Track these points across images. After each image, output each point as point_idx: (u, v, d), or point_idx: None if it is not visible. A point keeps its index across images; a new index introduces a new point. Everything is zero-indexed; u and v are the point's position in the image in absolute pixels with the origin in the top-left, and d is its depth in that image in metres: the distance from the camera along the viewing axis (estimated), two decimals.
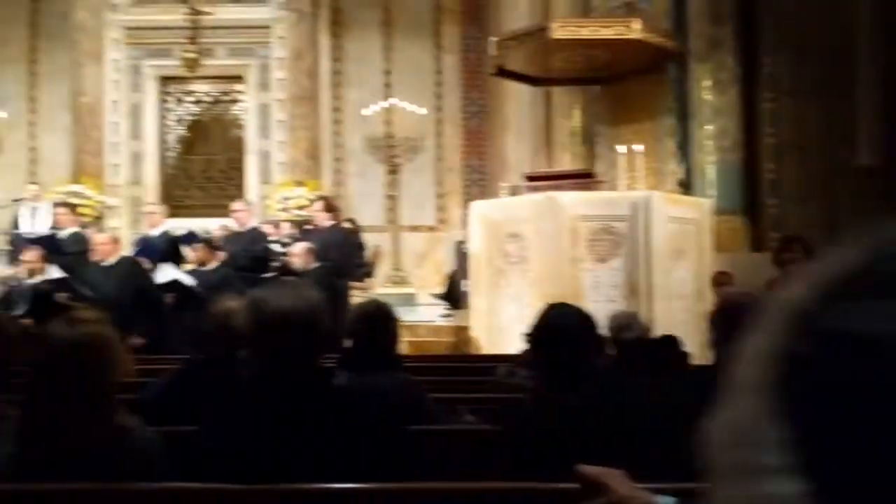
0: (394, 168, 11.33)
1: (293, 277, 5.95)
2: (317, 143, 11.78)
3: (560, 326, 2.27)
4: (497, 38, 7.67)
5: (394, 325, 2.86)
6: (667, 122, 7.64)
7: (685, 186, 7.43)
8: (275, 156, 11.89)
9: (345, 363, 2.57)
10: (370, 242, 9.63)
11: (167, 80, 12.14)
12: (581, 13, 8.09)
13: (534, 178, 6.91)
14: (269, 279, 6.44)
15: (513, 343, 5.93)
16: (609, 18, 7.30)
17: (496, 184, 11.72)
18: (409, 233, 12.01)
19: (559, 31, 6.71)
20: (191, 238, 7.47)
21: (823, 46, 6.91)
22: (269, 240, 7.82)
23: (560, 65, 7.70)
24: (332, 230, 7.23)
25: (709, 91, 7.33)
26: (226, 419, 1.77)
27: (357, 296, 7.47)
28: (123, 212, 11.63)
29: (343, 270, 6.37)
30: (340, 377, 2.19)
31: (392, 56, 12.97)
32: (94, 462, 1.90)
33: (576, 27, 6.81)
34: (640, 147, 6.47)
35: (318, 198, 8.33)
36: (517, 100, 10.51)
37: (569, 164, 8.27)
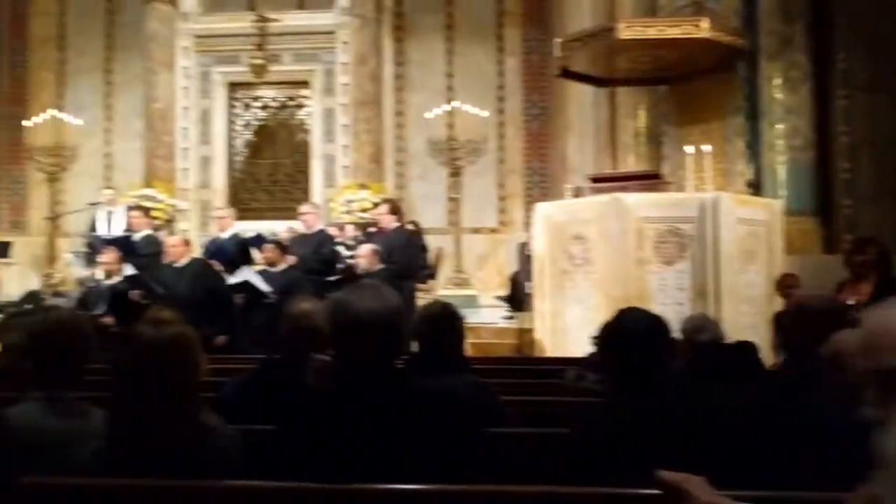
0: (456, 170, 11.37)
1: (362, 279, 6.05)
2: (380, 147, 11.91)
3: (631, 329, 2.25)
4: (561, 40, 7.63)
5: (460, 327, 2.87)
6: (736, 122, 7.47)
7: (755, 187, 7.25)
8: (339, 159, 12.06)
9: (412, 365, 2.59)
10: (432, 244, 9.68)
11: (235, 86, 12.45)
12: (647, 13, 7.98)
13: (599, 180, 6.85)
14: (337, 281, 6.54)
15: (577, 345, 5.89)
16: (676, 18, 7.19)
17: (558, 185, 11.67)
18: (471, 235, 12.04)
19: (625, 32, 6.64)
20: (259, 241, 7.62)
21: None
22: (334, 242, 7.94)
23: (625, 65, 7.62)
24: (397, 232, 7.29)
25: (780, 89, 7.15)
26: (304, 419, 1.80)
27: (421, 298, 7.53)
28: (193, 215, 11.97)
29: (407, 272, 6.43)
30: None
31: (454, 59, 13.03)
32: (178, 459, 1.94)
33: (642, 27, 6.73)
34: (708, 147, 6.35)
35: (384, 200, 8.40)
36: (580, 101, 10.43)
37: (633, 166, 8.17)
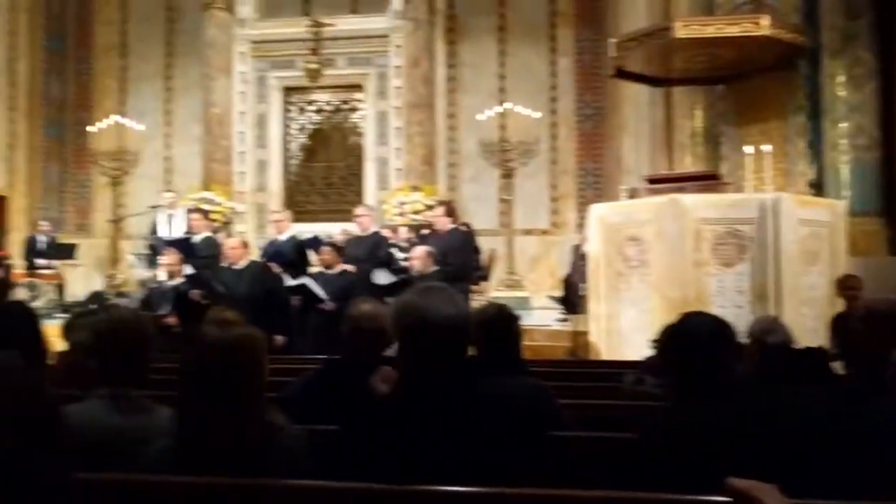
0: (508, 172, 11.34)
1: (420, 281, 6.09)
2: (432, 149, 11.95)
3: (693, 333, 2.22)
4: (616, 40, 7.56)
5: (517, 329, 2.87)
6: (797, 121, 7.31)
7: (816, 188, 7.09)
8: (392, 162, 12.15)
9: (471, 368, 2.59)
10: (485, 246, 9.68)
11: (291, 91, 12.64)
12: (704, 11, 7.86)
13: (655, 181, 6.77)
14: (392, 284, 6.59)
15: (633, 348, 5.83)
16: (735, 16, 7.06)
17: (612, 186, 11.55)
18: (523, 236, 12.01)
19: (682, 31, 6.55)
20: (315, 243, 7.72)
21: None
22: (389, 244, 7.99)
23: (682, 64, 7.52)
24: (451, 234, 7.29)
25: (843, 87, 6.97)
26: (369, 420, 1.82)
27: (474, 300, 7.53)
28: (249, 217, 12.18)
29: (461, 274, 6.44)
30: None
31: (506, 61, 13.03)
32: (246, 458, 1.96)
33: (700, 26, 6.63)
34: (769, 147, 6.22)
35: (440, 202, 8.40)
36: (634, 101, 10.31)
37: (690, 166, 8.06)
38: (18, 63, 12.77)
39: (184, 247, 7.87)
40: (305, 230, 9.00)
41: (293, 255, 7.59)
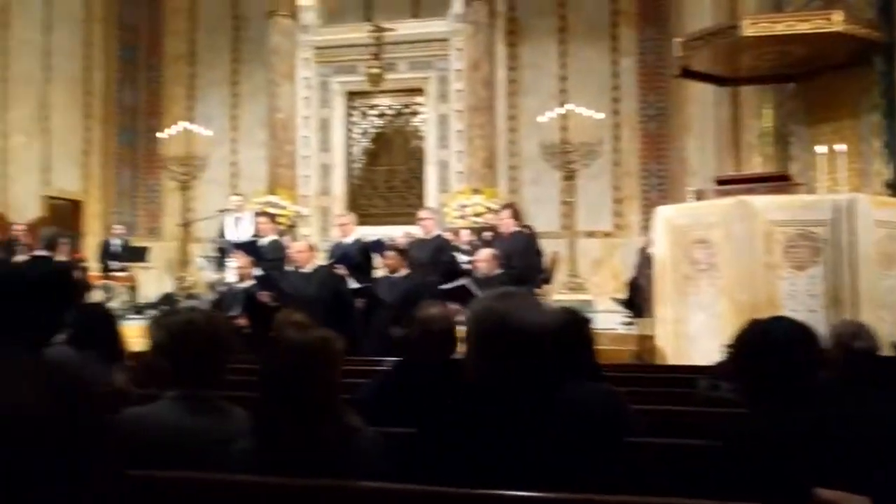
0: (570, 174, 11.26)
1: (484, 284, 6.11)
2: (493, 152, 11.94)
3: (767, 337, 2.17)
4: (682, 39, 7.43)
5: (589, 333, 2.85)
6: (871, 119, 7.07)
7: (894, 188, 6.84)
8: (453, 165, 12.17)
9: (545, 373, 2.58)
10: (547, 248, 9.63)
11: (353, 95, 12.78)
12: (772, 8, 7.67)
13: (724, 182, 6.62)
14: (455, 288, 6.61)
15: (701, 353, 5.73)
16: (806, 12, 6.88)
17: (677, 187, 11.37)
18: (586, 238, 11.91)
19: (750, 29, 6.40)
20: (379, 246, 7.79)
21: None
22: (451, 247, 8.01)
23: (750, 63, 7.35)
24: (515, 236, 7.28)
25: None
26: (445, 422, 1.83)
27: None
28: (313, 220, 12.37)
29: (526, 277, 6.42)
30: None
31: (567, 62, 12.95)
32: (323, 460, 1.99)
33: (769, 23, 6.47)
34: (843, 147, 6.03)
35: (505, 205, 8.37)
36: (700, 101, 10.13)
37: (759, 167, 7.87)
38: (94, 73, 13.26)
39: (250, 250, 8.03)
40: (368, 233, 9.09)
41: (359, 258, 7.68)
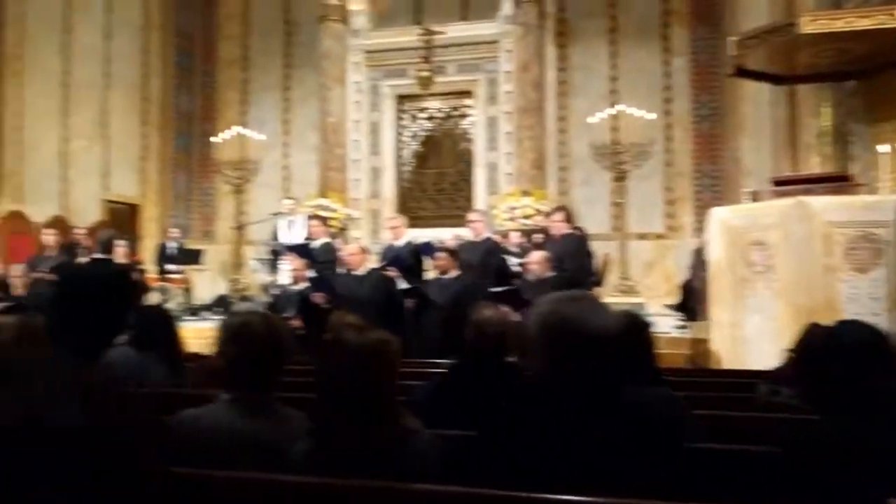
0: (621, 175, 11.14)
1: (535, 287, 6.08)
2: (542, 153, 11.87)
3: (835, 343, 2.12)
4: (737, 38, 7.29)
5: (649, 337, 2.81)
6: None
7: None
8: (502, 167, 12.14)
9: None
10: (598, 250, 9.55)
11: (403, 99, 12.84)
12: (830, 5, 7.48)
13: (781, 182, 6.48)
14: (506, 290, 6.59)
15: (757, 357, 5.62)
16: (867, 8, 6.68)
17: (731, 188, 11.18)
18: (637, 240, 11.78)
19: (809, 26, 6.24)
20: (428, 249, 7.81)
21: None
22: (501, 250, 7.99)
23: (807, 60, 7.17)
24: (566, 238, 7.22)
25: None
26: (506, 424, 1.82)
27: None
28: (363, 223, 12.47)
29: (578, 279, 6.37)
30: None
31: (618, 62, 12.86)
32: (381, 461, 2.00)
33: (828, 20, 6.30)
34: None
35: (557, 207, 8.29)
36: (755, 99, 9.95)
37: (817, 167, 7.68)
38: (151, 79, 13.60)
39: (303, 252, 8.13)
40: (418, 236, 9.12)
41: (410, 260, 7.71)
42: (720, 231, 6.27)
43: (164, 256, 11.17)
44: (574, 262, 6.87)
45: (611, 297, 10.12)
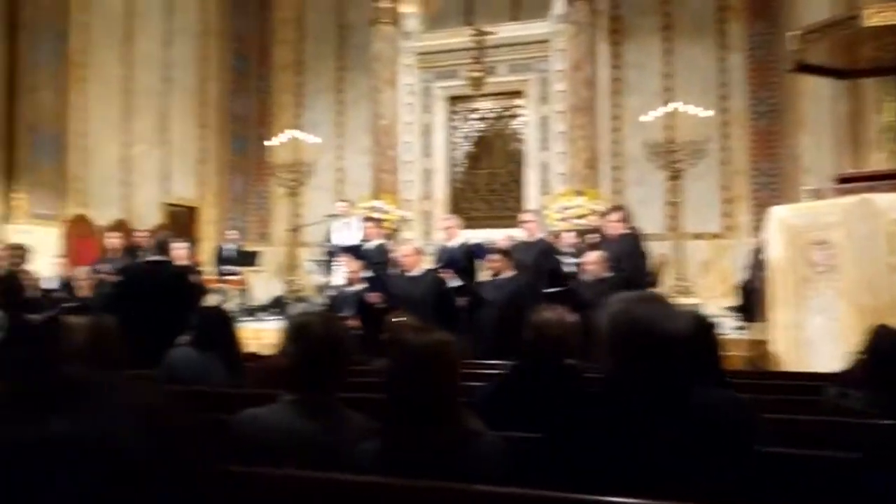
0: (675, 173, 10.97)
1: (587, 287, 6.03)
2: (595, 153, 11.77)
3: None
4: (797, 32, 7.13)
5: (715, 338, 2.78)
6: None
7: None
8: (554, 167, 12.07)
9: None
10: (654, 251, 9.43)
11: (454, 100, 12.87)
12: None
13: (845, 180, 6.32)
14: (561, 291, 6.56)
15: (820, 359, 5.49)
16: None
17: (790, 186, 10.93)
18: (693, 240, 11.59)
19: (873, 18, 6.06)
20: (481, 250, 7.81)
21: None
22: (555, 250, 7.94)
23: (871, 54, 6.96)
24: (622, 239, 7.14)
25: None
26: (574, 426, 1.82)
27: None
28: (416, 224, 12.53)
29: (635, 280, 6.29)
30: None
31: (672, 59, 12.68)
32: (445, 462, 2.01)
33: (893, 12, 6.10)
34: None
35: (615, 207, 8.17)
36: (814, 95, 9.71)
37: (881, 164, 7.45)
38: (209, 84, 13.89)
39: (356, 253, 8.21)
40: (470, 237, 9.12)
41: (464, 262, 7.72)
42: (779, 230, 6.14)
43: (222, 258, 11.38)
44: (631, 263, 6.78)
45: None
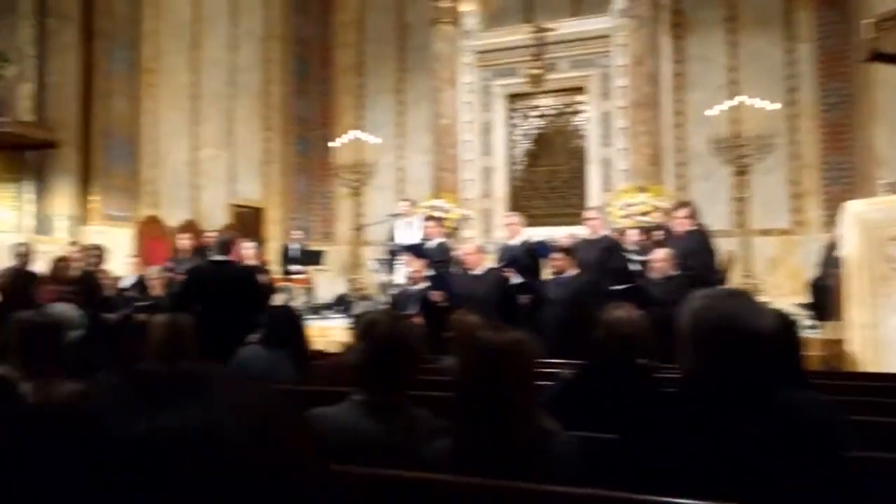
0: (742, 168, 10.71)
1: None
2: (658, 148, 11.59)
3: None
4: (871, 20, 6.90)
5: (797, 337, 2.71)
6: None
7: None
8: (616, 163, 11.94)
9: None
10: (721, 248, 9.22)
11: (514, 98, 12.84)
12: None
13: None
14: (628, 289, 6.48)
15: None
16: None
17: (863, 180, 10.57)
18: (761, 237, 11.30)
19: None
20: (543, 248, 7.75)
21: None
22: (619, 248, 7.84)
23: None
24: (690, 236, 7.00)
25: None
26: (653, 426, 1.80)
27: None
28: (476, 223, 12.54)
29: (703, 278, 6.16)
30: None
31: (737, 52, 12.40)
32: (519, 462, 2.00)
33: None
34: None
35: (682, 203, 7.99)
36: (890, 85, 9.39)
37: None
38: (272, 87, 14.16)
39: (417, 252, 8.25)
40: (531, 234, 9.06)
41: (527, 260, 7.68)
42: (855, 226, 5.96)
43: (288, 258, 11.56)
44: (699, 260, 6.65)
45: None
